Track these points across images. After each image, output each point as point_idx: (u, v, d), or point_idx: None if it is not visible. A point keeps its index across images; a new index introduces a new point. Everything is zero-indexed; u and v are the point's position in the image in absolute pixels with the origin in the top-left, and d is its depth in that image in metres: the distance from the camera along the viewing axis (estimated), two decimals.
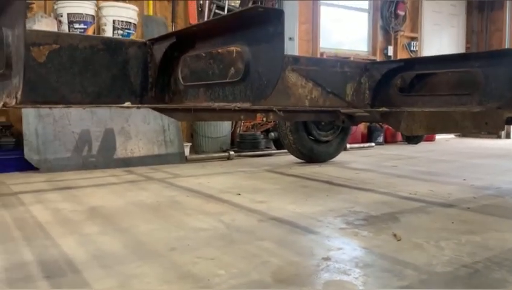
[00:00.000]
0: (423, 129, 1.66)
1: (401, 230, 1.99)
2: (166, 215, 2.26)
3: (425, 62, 1.46)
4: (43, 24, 4.14)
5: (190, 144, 5.04)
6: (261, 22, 0.81)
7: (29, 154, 3.76)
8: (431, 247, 1.76)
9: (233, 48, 0.94)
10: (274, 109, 1.71)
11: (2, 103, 0.66)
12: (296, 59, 1.49)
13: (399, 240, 1.85)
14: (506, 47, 8.75)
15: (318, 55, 6.86)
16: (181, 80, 1.10)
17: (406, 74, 1.53)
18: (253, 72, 0.86)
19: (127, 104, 1.00)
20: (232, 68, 0.97)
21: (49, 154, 3.83)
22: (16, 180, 3.36)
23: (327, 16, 7.20)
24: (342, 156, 4.90)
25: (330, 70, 1.51)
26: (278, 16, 0.78)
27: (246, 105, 0.90)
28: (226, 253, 1.66)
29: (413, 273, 1.47)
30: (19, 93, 0.60)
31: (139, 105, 1.04)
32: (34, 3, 4.55)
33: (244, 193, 2.84)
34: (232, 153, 4.82)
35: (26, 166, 3.79)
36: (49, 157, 3.83)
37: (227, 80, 0.95)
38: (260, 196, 2.75)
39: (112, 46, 1.07)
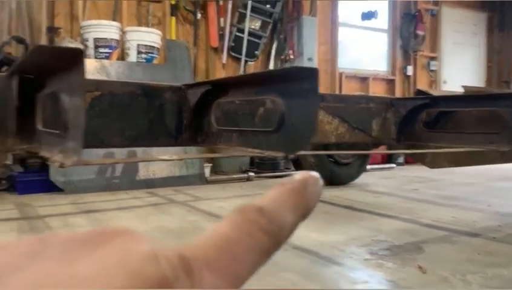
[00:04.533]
0: (448, 163, 1.67)
1: (426, 261, 1.98)
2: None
3: (450, 100, 1.47)
4: None
5: (211, 164, 5.09)
6: (295, 79, 0.85)
7: (54, 176, 3.86)
8: (457, 281, 1.74)
9: (266, 98, 0.98)
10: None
11: (58, 163, 0.70)
12: (322, 97, 1.52)
13: (424, 273, 1.84)
14: None
15: (337, 75, 6.90)
16: (214, 124, 1.14)
17: (431, 110, 1.55)
18: (288, 124, 0.90)
19: (168, 156, 1.05)
20: (266, 115, 1.00)
21: (74, 176, 3.92)
22: (42, 203, 3.44)
23: (344, 34, 7.25)
24: (362, 178, 4.88)
25: (356, 107, 1.53)
26: (313, 73, 0.81)
27: (280, 154, 0.93)
28: (251, 285, 1.67)
29: None
30: (76, 156, 0.65)
31: (178, 158, 1.08)
32: (61, 28, 4.71)
33: None
34: (251, 174, 4.85)
35: (51, 187, 3.88)
36: (73, 179, 3.92)
37: (261, 129, 0.99)
38: None
39: (150, 91, 1.12)
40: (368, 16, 6.96)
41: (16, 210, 3.14)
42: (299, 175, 0.22)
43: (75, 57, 0.58)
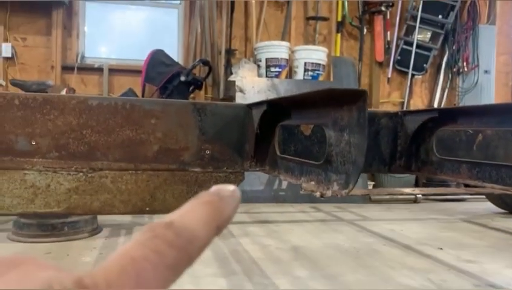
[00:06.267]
0: None
1: None
2: (369, 266, 2.24)
3: None
4: (245, 69, 4.64)
5: (374, 183, 4.95)
6: None
7: None
8: None
9: None
10: None
11: (318, 193, 0.75)
12: None
13: None
14: None
15: None
16: (435, 152, 1.09)
17: None
18: None
19: (410, 190, 1.04)
20: (510, 149, 0.91)
21: (246, 186, 4.20)
22: None
23: None
24: None
25: None
26: None
27: None
28: None
29: None
30: (346, 190, 0.67)
31: (420, 192, 1.06)
32: (237, 50, 5.14)
33: (446, 248, 2.63)
34: (419, 195, 4.56)
35: None
36: (246, 188, 4.20)
37: (506, 163, 0.90)
38: (466, 254, 2.52)
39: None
40: None
41: None
42: (214, 188, 0.21)
43: (358, 98, 0.61)
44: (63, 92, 4.13)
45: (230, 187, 0.23)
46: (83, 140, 0.98)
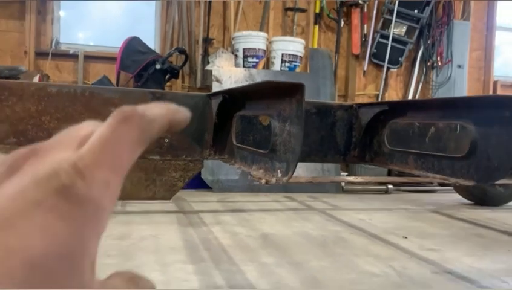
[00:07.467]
0: None
1: None
2: (335, 253, 2.31)
3: None
4: (223, 59, 4.64)
5: (347, 173, 5.04)
6: (494, 106, 0.81)
7: (205, 175, 4.22)
8: None
9: (453, 122, 0.95)
10: None
11: (264, 181, 0.79)
12: None
13: None
14: None
15: (491, 84, 6.27)
16: (386, 144, 1.14)
17: None
18: (481, 152, 0.85)
19: (353, 178, 1.08)
20: (450, 140, 0.97)
21: (222, 176, 4.24)
22: (194, 198, 3.79)
23: (502, 39, 6.54)
24: None
25: None
26: None
27: (469, 183, 0.90)
28: None
29: None
30: (287, 177, 0.71)
31: (363, 180, 1.11)
32: (214, 39, 5.13)
33: (411, 237, 2.73)
34: (390, 186, 4.67)
35: (201, 185, 4.25)
36: (221, 178, 4.24)
37: (445, 154, 0.96)
38: (429, 242, 2.62)
39: (323, 110, 1.17)
40: None
41: (173, 203, 3.51)
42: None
43: (297, 91, 0.65)
44: (36, 78, 4.06)
45: (186, 109, 0.27)
46: (42, 126, 0.99)
